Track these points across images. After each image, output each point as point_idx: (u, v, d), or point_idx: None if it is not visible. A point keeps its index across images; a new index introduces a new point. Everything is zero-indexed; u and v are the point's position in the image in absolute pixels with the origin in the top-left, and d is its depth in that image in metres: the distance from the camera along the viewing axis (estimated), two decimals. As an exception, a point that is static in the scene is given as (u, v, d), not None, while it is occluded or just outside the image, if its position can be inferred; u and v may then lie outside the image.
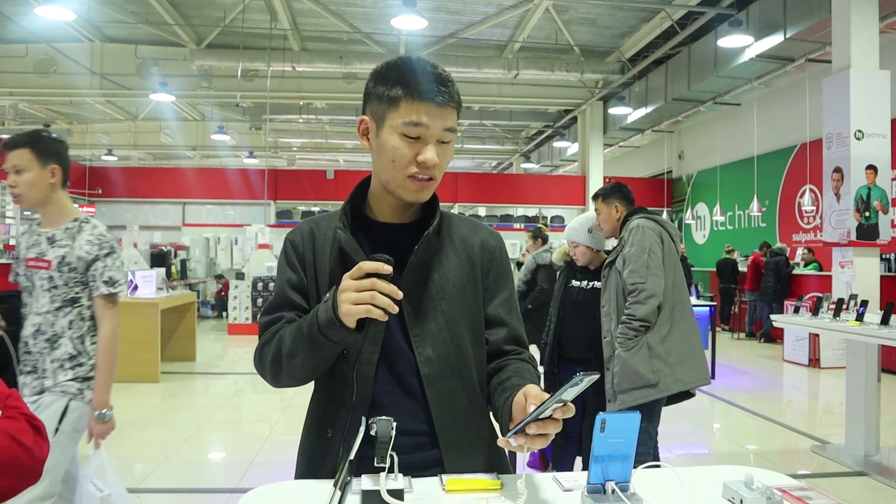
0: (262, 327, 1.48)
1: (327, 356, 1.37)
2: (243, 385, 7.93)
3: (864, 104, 6.69)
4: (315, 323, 1.31)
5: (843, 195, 6.66)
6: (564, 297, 3.92)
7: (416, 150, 1.36)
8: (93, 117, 17.94)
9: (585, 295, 3.83)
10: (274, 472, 4.67)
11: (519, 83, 15.00)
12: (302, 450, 1.52)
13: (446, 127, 1.37)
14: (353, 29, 12.66)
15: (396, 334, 1.42)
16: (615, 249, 3.62)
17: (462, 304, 1.47)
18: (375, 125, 1.41)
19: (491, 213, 19.32)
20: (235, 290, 12.71)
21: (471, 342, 1.47)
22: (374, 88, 1.40)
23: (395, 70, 1.38)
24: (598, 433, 1.19)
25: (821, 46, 9.97)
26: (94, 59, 13.93)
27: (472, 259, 1.51)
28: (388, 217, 1.49)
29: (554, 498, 1.30)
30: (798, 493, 1.32)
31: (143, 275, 8.42)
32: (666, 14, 11.44)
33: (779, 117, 14.44)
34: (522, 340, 1.56)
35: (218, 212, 18.49)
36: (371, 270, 1.24)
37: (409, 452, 1.35)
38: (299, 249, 1.50)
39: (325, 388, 1.47)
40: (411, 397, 1.42)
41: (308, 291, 1.48)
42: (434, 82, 1.36)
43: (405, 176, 1.38)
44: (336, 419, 1.43)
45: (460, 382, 1.44)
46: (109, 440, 2.74)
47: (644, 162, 21.21)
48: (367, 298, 1.23)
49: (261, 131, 18.29)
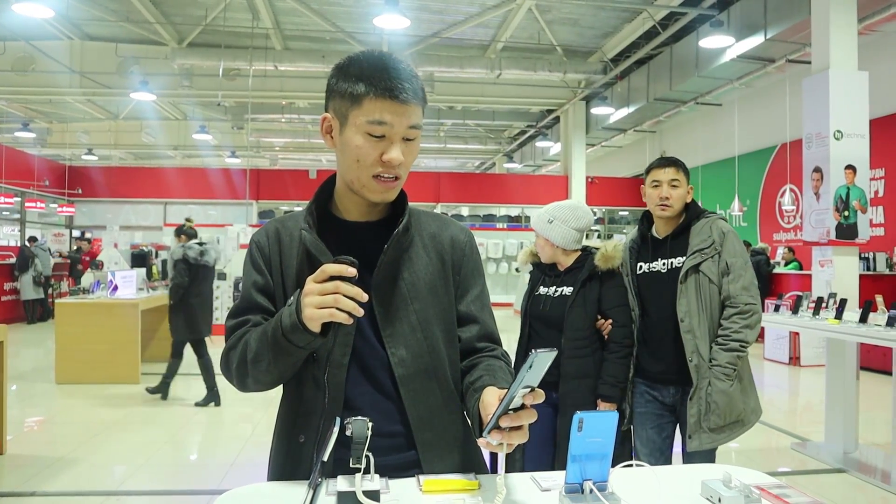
0: (229, 331, 1.45)
1: (293, 361, 1.34)
2: (224, 386, 7.86)
3: (843, 105, 6.76)
4: (279, 327, 1.28)
5: (822, 195, 6.72)
6: (530, 309, 3.23)
7: (381, 149, 1.32)
8: (73, 116, 17.77)
9: (552, 305, 3.11)
10: (255, 473, 4.64)
11: (502, 83, 15.03)
12: (274, 456, 1.48)
13: (411, 124, 1.33)
14: (336, 28, 12.62)
15: (369, 335, 1.40)
16: (698, 252, 2.90)
17: (434, 302, 1.45)
18: (339, 123, 1.37)
19: (474, 212, 19.34)
20: (217, 291, 12.61)
21: (444, 341, 1.46)
22: (337, 85, 1.34)
23: (358, 66, 1.32)
24: (576, 432, 1.18)
25: (800, 47, 10.06)
26: (74, 57, 13.79)
27: (442, 256, 1.49)
28: (356, 216, 1.46)
29: (532, 497, 1.29)
30: (776, 490, 1.32)
31: (124, 275, 8.34)
32: (648, 14, 11.50)
33: (759, 117, 14.56)
34: (495, 337, 1.54)
35: (200, 212, 18.37)
36: (335, 273, 1.21)
37: (385, 454, 1.33)
38: (265, 251, 1.47)
39: (296, 393, 1.43)
40: (386, 398, 1.40)
41: (275, 294, 1.45)
42: (398, 78, 1.29)
43: (370, 176, 1.35)
44: (308, 424, 1.40)
45: (435, 382, 1.43)
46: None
47: (626, 162, 21.30)
48: (331, 302, 1.20)
49: (243, 131, 18.20)
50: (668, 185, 2.94)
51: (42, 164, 17.62)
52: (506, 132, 21.47)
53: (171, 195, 18.17)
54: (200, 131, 17.38)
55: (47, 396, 7.22)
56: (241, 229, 14.48)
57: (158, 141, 19.52)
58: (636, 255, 3.09)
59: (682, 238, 2.96)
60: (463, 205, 19.33)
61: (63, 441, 5.41)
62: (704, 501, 1.28)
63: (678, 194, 2.95)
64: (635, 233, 3.18)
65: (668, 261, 2.97)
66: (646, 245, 3.08)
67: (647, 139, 19.41)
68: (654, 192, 2.97)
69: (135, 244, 15.58)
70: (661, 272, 2.98)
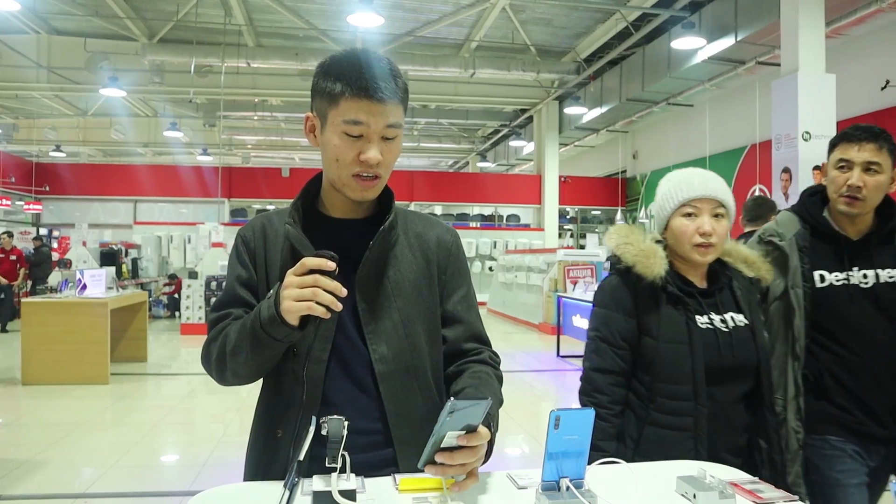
0: (211, 324, 1.45)
1: (271, 354, 1.34)
2: (196, 386, 7.79)
3: (812, 106, 6.87)
4: (258, 320, 1.28)
5: (791, 195, 6.83)
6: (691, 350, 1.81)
7: (359, 148, 1.33)
8: (40, 112, 17.46)
9: (732, 345, 1.84)
10: (227, 474, 4.60)
11: (475, 82, 15.05)
12: (251, 451, 1.48)
13: (389, 123, 1.32)
14: (309, 25, 12.55)
15: (351, 331, 1.40)
16: None
17: (417, 301, 1.45)
18: (320, 122, 1.38)
19: (447, 211, 19.36)
20: (188, 290, 12.48)
21: (426, 340, 1.46)
22: (318, 84, 1.35)
23: (337, 65, 1.33)
24: (553, 430, 1.19)
25: (770, 49, 10.21)
26: (41, 51, 13.55)
27: (427, 256, 1.49)
28: (342, 213, 1.47)
29: (508, 495, 1.29)
30: (749, 486, 1.34)
31: (92, 274, 8.20)
32: (621, 15, 11.59)
33: (730, 118, 14.74)
34: (482, 337, 1.54)
35: (170, 210, 18.18)
36: (314, 267, 1.21)
37: (363, 452, 1.33)
38: (250, 245, 1.48)
39: (274, 387, 1.44)
40: (365, 395, 1.40)
41: (258, 288, 1.45)
42: (374, 77, 1.30)
43: (349, 175, 1.35)
44: (286, 419, 1.40)
45: (415, 380, 1.43)
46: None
47: (599, 161, 21.45)
48: (309, 295, 1.20)
49: (215, 128, 18.04)
50: (860, 170, 2.00)
51: (8, 160, 17.29)
52: (479, 131, 21.52)
53: (142, 193, 17.94)
54: (171, 128, 17.18)
55: (13, 398, 7.09)
56: (212, 227, 14.32)
57: (128, 138, 19.26)
58: (811, 259, 2.10)
59: None
60: (436, 204, 19.33)
61: (29, 443, 5.31)
62: (679, 497, 1.29)
63: (877, 184, 2.01)
64: (796, 224, 2.16)
65: (874, 272, 2.07)
66: (830, 246, 2.11)
67: (619, 139, 19.56)
68: (840, 177, 2.03)
69: (104, 242, 15.35)
70: (862, 287, 2.06)
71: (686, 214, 1.84)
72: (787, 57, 7.30)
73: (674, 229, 1.87)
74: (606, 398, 1.84)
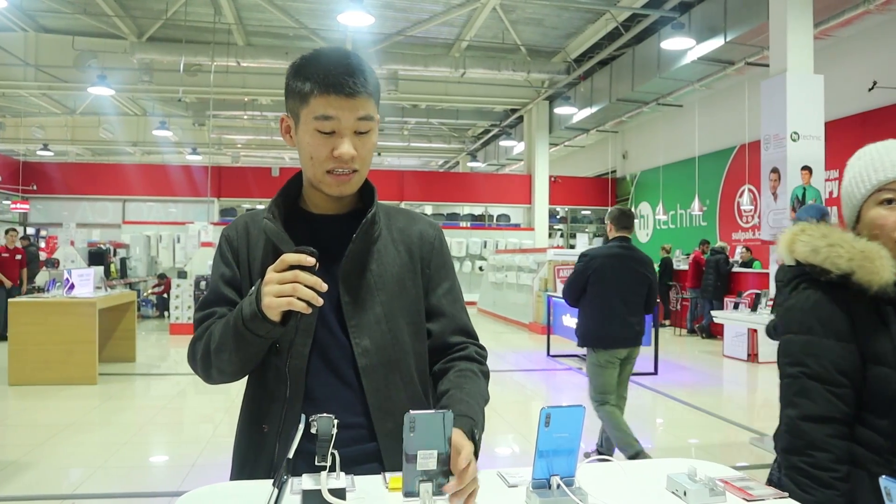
0: (196, 323, 1.46)
1: (255, 350, 1.34)
2: (185, 386, 7.75)
3: (800, 107, 6.91)
4: (240, 317, 1.29)
5: (779, 195, 6.87)
6: None
7: (332, 144, 1.34)
8: (27, 110, 17.36)
9: None
10: (216, 474, 4.57)
11: (466, 82, 15.06)
12: (237, 446, 1.49)
13: (360, 116, 1.33)
14: (299, 24, 12.52)
15: (333, 325, 1.41)
16: None
17: (400, 295, 1.46)
18: (294, 122, 1.40)
19: (437, 211, 19.37)
20: (177, 290, 12.43)
21: (409, 333, 1.46)
22: (289, 85, 1.38)
23: (306, 65, 1.35)
24: (543, 427, 1.18)
25: (759, 50, 10.26)
26: (29, 49, 13.46)
27: (410, 250, 1.50)
28: (324, 209, 1.48)
29: (499, 493, 1.29)
30: (739, 483, 1.34)
31: (80, 273, 8.15)
32: (611, 16, 11.63)
33: (719, 119, 14.81)
34: (468, 330, 1.55)
35: (159, 209, 18.10)
36: (294, 262, 1.22)
37: (347, 446, 1.33)
38: (234, 244, 1.48)
39: (258, 383, 1.44)
40: (347, 389, 1.40)
41: (242, 286, 1.46)
42: (341, 73, 1.31)
43: (324, 171, 1.36)
44: (270, 413, 1.40)
45: (398, 374, 1.43)
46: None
47: (589, 161, 21.51)
48: (289, 291, 1.21)
49: (204, 127, 17.96)
50: None
51: (-5, 159, 17.19)
52: (469, 131, 21.52)
53: (131, 192, 17.85)
54: (161, 127, 17.10)
55: (0, 398, 7.04)
56: (202, 227, 14.28)
57: (117, 137, 19.15)
58: None
59: None
60: (426, 203, 19.33)
61: (16, 444, 5.28)
62: (670, 495, 1.29)
63: None
64: None
65: None
66: None
67: (609, 139, 19.62)
68: (890, 217, 1.44)
69: (92, 242, 15.27)
70: None
71: (884, 201, 1.44)
72: (775, 58, 7.34)
73: (869, 221, 1.45)
74: (828, 456, 1.38)
